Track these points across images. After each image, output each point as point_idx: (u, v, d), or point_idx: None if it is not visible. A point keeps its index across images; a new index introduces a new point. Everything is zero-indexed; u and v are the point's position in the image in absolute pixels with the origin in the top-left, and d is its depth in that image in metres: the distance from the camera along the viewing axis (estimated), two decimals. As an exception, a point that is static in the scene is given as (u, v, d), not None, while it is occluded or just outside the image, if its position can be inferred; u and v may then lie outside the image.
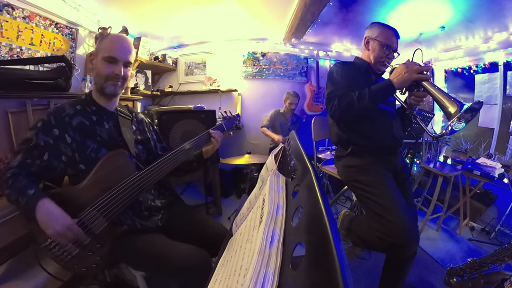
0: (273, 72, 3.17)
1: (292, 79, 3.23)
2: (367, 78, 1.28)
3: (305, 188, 0.37)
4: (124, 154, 0.91)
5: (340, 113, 1.16)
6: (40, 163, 0.85)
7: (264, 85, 3.18)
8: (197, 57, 3.19)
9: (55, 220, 0.76)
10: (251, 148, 3.07)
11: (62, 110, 0.90)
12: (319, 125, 1.81)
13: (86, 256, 0.84)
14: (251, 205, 0.59)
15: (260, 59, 3.16)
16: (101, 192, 0.84)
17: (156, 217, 1.00)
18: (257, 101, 3.17)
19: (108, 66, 0.90)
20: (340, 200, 2.57)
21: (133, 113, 1.10)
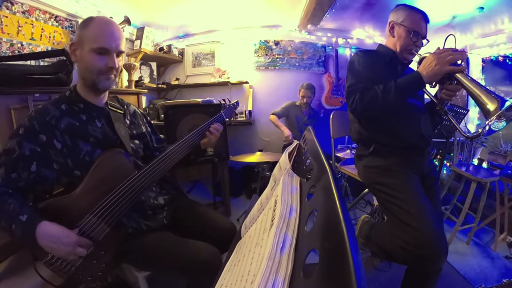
0: (288, 62, 3.14)
1: (309, 70, 3.18)
2: (393, 69, 1.24)
3: (321, 189, 0.36)
4: (120, 154, 0.89)
5: (362, 108, 1.13)
6: (28, 175, 0.80)
7: (277, 77, 3.15)
8: (205, 47, 3.21)
9: (61, 242, 0.73)
10: (263, 145, 3.06)
11: (45, 112, 0.84)
12: (338, 120, 1.77)
13: (91, 265, 0.84)
14: (262, 206, 0.59)
15: (273, 48, 3.13)
16: (100, 196, 0.82)
17: (161, 215, 1.02)
18: (270, 94, 3.15)
19: (99, 58, 0.83)
20: (360, 204, 2.53)
21: (124, 105, 1.06)
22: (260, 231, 0.45)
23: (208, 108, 2.10)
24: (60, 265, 0.80)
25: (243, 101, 3.12)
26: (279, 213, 0.41)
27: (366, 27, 3.02)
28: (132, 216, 0.93)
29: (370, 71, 1.17)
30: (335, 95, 3.22)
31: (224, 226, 1.02)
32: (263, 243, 0.39)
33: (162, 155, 0.95)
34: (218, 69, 3.12)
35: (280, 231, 0.36)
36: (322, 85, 3.21)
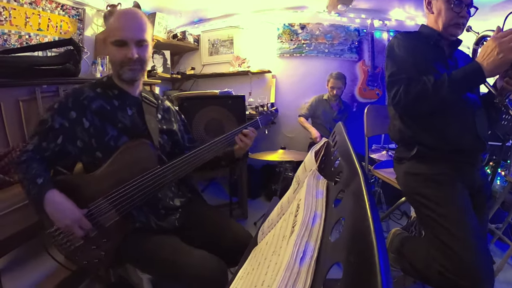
0: (315, 48, 3.07)
1: (340, 57, 3.09)
2: (439, 53, 1.16)
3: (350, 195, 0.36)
4: (147, 145, 0.97)
5: (406, 103, 1.07)
6: (54, 147, 0.93)
7: (304, 65, 3.10)
8: (222, 33, 3.24)
9: (63, 213, 0.84)
10: (287, 142, 3.05)
11: (81, 92, 0.97)
12: (373, 116, 1.73)
13: (90, 249, 0.93)
14: (282, 210, 0.59)
15: (298, 32, 3.07)
16: (117, 183, 0.91)
17: (173, 217, 1.07)
18: (295, 85, 3.12)
19: (118, 50, 0.93)
20: (394, 214, 2.44)
21: (158, 100, 1.16)
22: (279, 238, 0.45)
23: (226, 100, 2.12)
24: (61, 239, 0.92)
25: (265, 92, 3.12)
26: (301, 219, 0.41)
27: (407, 6, 2.87)
28: (143, 211, 0.99)
29: (413, 56, 1.10)
30: (370, 86, 3.09)
31: (239, 237, 1.02)
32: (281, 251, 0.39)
33: (187, 155, 1.00)
34: (237, 57, 3.13)
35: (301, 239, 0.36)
36: (355, 74, 3.11)
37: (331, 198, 0.43)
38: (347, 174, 0.42)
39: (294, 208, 0.48)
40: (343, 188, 0.41)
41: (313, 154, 0.61)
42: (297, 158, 1.92)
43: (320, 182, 0.50)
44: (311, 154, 0.61)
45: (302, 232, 0.38)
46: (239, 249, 0.91)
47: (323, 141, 0.67)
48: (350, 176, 0.39)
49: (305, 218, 0.40)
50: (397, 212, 2.46)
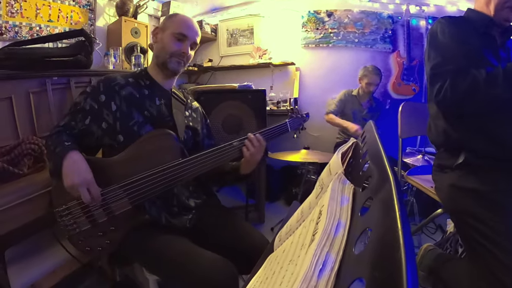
0: (344, 37, 3.00)
1: (371, 47, 3.00)
2: (490, 43, 1.08)
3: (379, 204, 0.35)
4: (172, 136, 1.04)
5: (454, 100, 1.00)
6: (81, 126, 1.06)
7: (331, 56, 3.05)
8: (241, 22, 3.25)
9: (77, 171, 0.92)
10: (311, 141, 3.01)
11: (113, 79, 1.11)
12: (409, 115, 1.68)
13: (96, 235, 0.99)
14: (302, 216, 0.59)
15: (325, 20, 3.01)
16: (135, 170, 0.97)
17: (186, 217, 1.10)
18: (321, 78, 3.08)
19: (176, 42, 1.09)
20: (428, 228, 2.34)
21: (188, 99, 1.28)
22: (297, 246, 0.45)
23: (245, 94, 2.13)
24: (68, 220, 0.98)
25: (288, 87, 3.10)
26: (323, 227, 0.41)
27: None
28: (156, 205, 1.04)
29: (461, 44, 1.03)
30: (405, 81, 2.96)
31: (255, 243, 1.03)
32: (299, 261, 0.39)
33: (211, 150, 1.05)
34: (258, 48, 3.14)
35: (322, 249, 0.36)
36: (388, 67, 3.00)
37: (358, 206, 0.43)
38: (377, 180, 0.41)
39: (315, 215, 0.47)
40: (372, 195, 0.40)
41: (340, 156, 0.60)
42: (321, 160, 1.89)
43: (346, 187, 0.49)
44: (337, 155, 0.60)
45: (323, 241, 0.37)
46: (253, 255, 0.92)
47: (351, 141, 0.66)
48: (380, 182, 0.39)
49: (327, 227, 0.40)
50: (431, 226, 2.36)
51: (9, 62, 1.41)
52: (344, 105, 2.69)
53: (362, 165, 0.54)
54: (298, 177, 2.56)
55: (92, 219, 0.98)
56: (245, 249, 1.01)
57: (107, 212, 0.97)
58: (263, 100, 2.16)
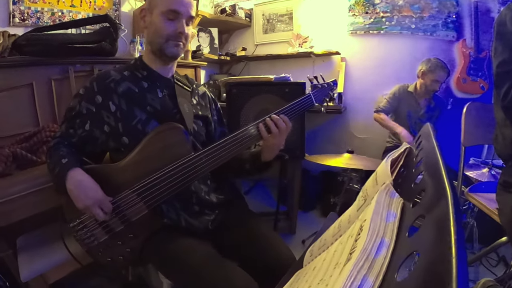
0: (399, 23, 2.87)
1: (432, 35, 2.83)
2: None
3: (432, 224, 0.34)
4: (179, 130, 1.04)
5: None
6: (82, 132, 1.08)
7: (383, 45, 2.93)
8: (279, 6, 3.24)
9: (84, 192, 0.95)
10: (356, 144, 2.96)
11: (106, 76, 1.10)
12: (475, 118, 1.61)
13: (115, 245, 1.04)
14: (340, 230, 0.59)
15: (376, 2, 2.90)
16: (146, 173, 1.00)
17: (208, 217, 1.13)
18: (370, 71, 2.98)
19: (169, 23, 1.04)
20: (488, 258, 2.18)
21: (193, 84, 1.27)
22: (330, 265, 0.46)
23: (282, 87, 2.13)
24: (84, 234, 1.04)
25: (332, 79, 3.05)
26: (362, 245, 0.40)
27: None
28: (174, 206, 1.07)
29: None
30: (472, 76, 2.77)
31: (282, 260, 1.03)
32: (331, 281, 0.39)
33: (226, 138, 1.05)
34: (298, 35, 3.11)
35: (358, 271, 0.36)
36: (451, 59, 2.81)
37: (406, 224, 0.42)
38: (432, 195, 0.40)
39: (355, 230, 0.48)
40: (424, 212, 0.39)
41: (389, 164, 0.59)
42: (367, 167, 1.84)
43: (393, 201, 0.49)
44: (386, 163, 0.59)
45: (361, 262, 0.37)
46: (277, 271, 0.92)
47: (403, 147, 0.64)
48: (435, 198, 0.38)
49: (368, 245, 0.40)
50: (492, 256, 2.20)
51: (31, 48, 1.53)
52: (398, 103, 2.58)
53: (415, 176, 0.53)
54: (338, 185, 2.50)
55: (108, 229, 1.03)
56: (269, 262, 1.01)
57: (123, 220, 1.02)
58: (303, 94, 2.12)
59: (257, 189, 3.21)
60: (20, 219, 1.19)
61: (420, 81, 2.52)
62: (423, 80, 2.50)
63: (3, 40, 1.51)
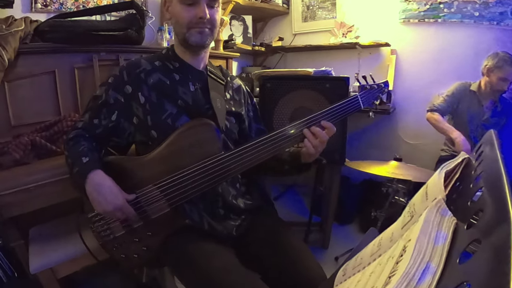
0: (459, 10, 2.75)
1: (499, 24, 2.69)
2: None
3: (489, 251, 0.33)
4: (211, 127, 1.08)
5: None
6: (108, 123, 1.13)
7: (440, 36, 2.83)
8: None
9: (104, 197, 0.99)
10: (405, 151, 2.90)
11: (137, 65, 1.16)
12: None
13: (131, 241, 1.10)
14: (379, 249, 0.58)
15: None
16: (172, 169, 1.04)
17: (233, 222, 1.16)
18: (425, 66, 2.90)
19: (187, 9, 1.07)
20: None
21: (228, 77, 1.30)
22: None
23: (322, 82, 2.11)
24: (101, 226, 1.11)
25: (379, 74, 2.98)
26: (404, 269, 0.40)
27: None
28: (197, 207, 1.11)
29: None
30: None
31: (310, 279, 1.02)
32: None
33: (259, 139, 1.07)
34: (342, 23, 3.07)
35: (398, 299, 0.35)
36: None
37: (458, 249, 0.41)
38: (491, 216, 0.39)
39: (397, 251, 0.47)
40: (480, 236, 0.38)
41: (443, 176, 0.57)
42: (416, 178, 1.79)
43: (445, 220, 0.48)
44: (440, 175, 0.58)
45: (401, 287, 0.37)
46: None
47: (460, 157, 0.62)
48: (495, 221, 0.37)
49: (411, 270, 0.39)
50: None
51: (53, 35, 1.62)
52: (457, 103, 2.47)
53: (473, 193, 0.51)
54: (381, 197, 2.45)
55: (126, 224, 1.09)
56: (295, 279, 1.01)
57: (142, 216, 1.07)
58: (345, 90, 2.11)
59: (288, 195, 3.21)
60: (35, 209, 1.28)
61: (485, 79, 2.41)
62: (488, 78, 2.38)
63: (25, 26, 1.60)
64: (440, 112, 2.47)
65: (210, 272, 0.96)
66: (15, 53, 1.49)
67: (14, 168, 1.30)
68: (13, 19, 1.58)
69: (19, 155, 1.31)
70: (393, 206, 2.15)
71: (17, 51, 1.50)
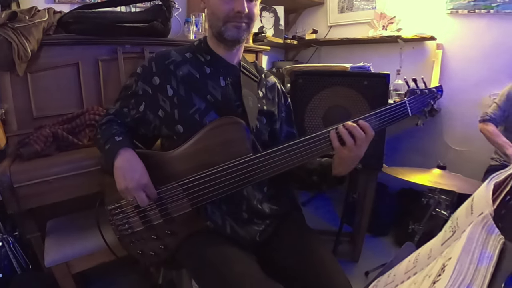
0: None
1: None
2: None
3: None
4: (241, 126, 1.10)
5: None
6: (135, 113, 1.19)
7: (493, 29, 2.73)
8: None
9: (131, 173, 1.04)
10: (450, 158, 2.84)
11: (166, 56, 1.19)
12: None
13: (149, 238, 1.14)
14: (415, 266, 0.58)
15: None
16: (197, 167, 1.07)
17: (257, 227, 1.17)
18: (476, 62, 2.81)
19: (226, 2, 1.08)
20: None
21: (262, 73, 1.32)
22: None
23: (360, 79, 2.09)
24: (120, 219, 1.16)
25: (423, 72, 2.92)
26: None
27: None
28: (220, 209, 1.13)
29: None
30: None
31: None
32: None
33: (290, 143, 1.05)
34: (382, 14, 3.03)
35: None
36: None
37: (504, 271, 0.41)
38: None
39: (435, 270, 0.47)
40: None
41: (491, 188, 0.56)
42: (461, 189, 1.74)
43: (492, 238, 0.47)
44: (488, 187, 0.57)
45: None
46: None
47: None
48: None
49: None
50: None
51: (77, 26, 1.70)
52: (510, 108, 2.39)
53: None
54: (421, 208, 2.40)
55: (146, 219, 1.13)
56: None
57: (163, 214, 1.11)
58: (385, 88, 2.08)
59: (317, 201, 3.20)
60: (54, 202, 1.35)
61: None
62: None
63: (48, 17, 1.67)
64: (494, 122, 2.38)
65: (230, 278, 0.97)
66: (38, 44, 1.56)
67: (35, 160, 1.38)
68: (36, 10, 1.64)
69: (40, 147, 1.38)
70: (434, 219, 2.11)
71: (40, 42, 1.58)
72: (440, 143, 3.01)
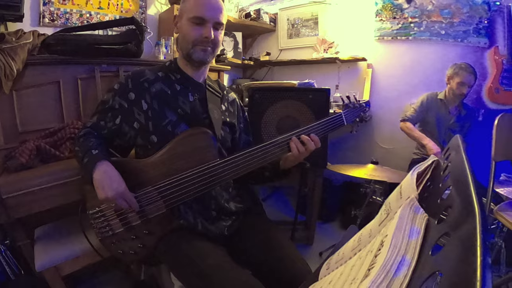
0: (428, 28, 2.82)
1: (462, 41, 2.76)
2: None
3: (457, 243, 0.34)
4: (208, 135, 1.09)
5: None
6: (112, 126, 1.15)
7: (411, 52, 2.90)
8: (305, 11, 3.26)
9: (108, 184, 1.01)
10: (380, 155, 2.92)
11: (141, 74, 1.17)
12: (508, 131, 1.58)
13: (129, 238, 1.11)
14: (359, 245, 0.59)
15: (404, 7, 2.86)
16: (170, 172, 1.05)
17: (224, 223, 1.16)
18: (398, 78, 2.95)
19: (195, 28, 1.09)
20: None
21: (224, 90, 1.32)
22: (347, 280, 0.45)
23: (306, 93, 2.12)
24: (101, 223, 1.12)
25: (357, 87, 3.02)
26: (382, 262, 0.40)
27: None
28: (192, 208, 1.11)
29: None
30: (505, 86, 2.65)
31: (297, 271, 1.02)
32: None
33: (253, 149, 1.08)
34: (323, 40, 3.11)
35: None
36: (483, 67, 2.72)
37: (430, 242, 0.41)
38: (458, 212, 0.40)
39: (375, 245, 0.48)
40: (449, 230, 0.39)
41: (415, 177, 0.58)
42: (391, 179, 1.81)
43: (418, 216, 0.48)
44: (412, 176, 0.59)
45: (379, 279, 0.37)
46: (292, 284, 0.93)
47: (430, 160, 0.63)
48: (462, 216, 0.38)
49: (388, 262, 0.40)
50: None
51: (59, 47, 1.63)
52: (426, 112, 2.53)
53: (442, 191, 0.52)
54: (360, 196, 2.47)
55: (125, 221, 1.10)
56: (283, 273, 1.02)
57: (141, 215, 1.08)
58: (327, 101, 2.12)
59: (275, 196, 3.20)
60: (40, 210, 1.26)
61: (448, 86, 2.50)
62: (449, 85, 2.48)
63: (33, 39, 1.60)
64: (412, 121, 2.52)
65: (205, 268, 0.95)
66: (23, 64, 1.49)
67: (21, 172, 1.30)
68: (22, 32, 1.58)
69: (25, 160, 1.30)
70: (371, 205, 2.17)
71: (25, 62, 1.50)
72: (372, 143, 3.10)
